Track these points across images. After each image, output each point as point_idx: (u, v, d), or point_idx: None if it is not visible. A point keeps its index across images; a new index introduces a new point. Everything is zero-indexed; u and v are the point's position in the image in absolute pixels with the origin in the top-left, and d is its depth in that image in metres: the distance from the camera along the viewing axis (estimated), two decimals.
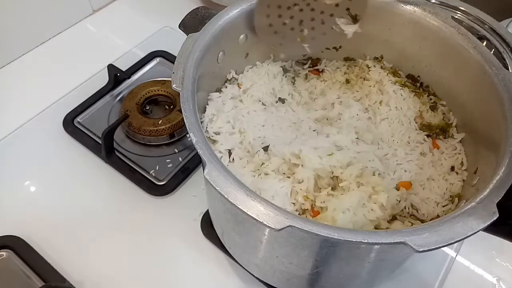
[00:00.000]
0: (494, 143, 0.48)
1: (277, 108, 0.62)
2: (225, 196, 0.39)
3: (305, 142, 0.55)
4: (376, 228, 0.50)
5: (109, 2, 1.05)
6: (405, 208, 0.53)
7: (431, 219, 0.52)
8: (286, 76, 0.66)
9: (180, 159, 0.76)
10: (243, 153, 0.55)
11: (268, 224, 0.38)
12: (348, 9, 0.58)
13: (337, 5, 0.58)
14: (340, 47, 0.67)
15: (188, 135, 0.78)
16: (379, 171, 0.54)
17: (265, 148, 0.55)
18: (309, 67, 0.69)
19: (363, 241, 0.37)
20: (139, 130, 0.77)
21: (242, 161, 0.54)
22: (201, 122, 0.54)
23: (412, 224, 0.52)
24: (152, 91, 0.83)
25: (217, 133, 0.56)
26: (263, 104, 0.61)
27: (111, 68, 0.86)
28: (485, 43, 0.67)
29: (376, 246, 0.43)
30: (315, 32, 0.60)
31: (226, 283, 0.65)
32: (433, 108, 0.61)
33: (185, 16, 0.61)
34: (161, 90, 0.83)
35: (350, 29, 0.59)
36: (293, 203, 0.51)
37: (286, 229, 0.38)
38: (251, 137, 0.56)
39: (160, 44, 0.95)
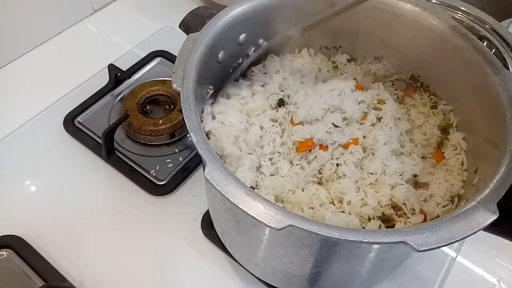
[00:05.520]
0: (494, 143, 0.48)
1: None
2: (226, 195, 0.39)
3: None
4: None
5: (109, 2, 1.05)
6: (405, 207, 0.53)
7: (431, 219, 0.52)
8: None
9: (181, 159, 0.76)
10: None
11: (268, 224, 0.38)
12: None
13: None
14: (340, 46, 0.67)
15: (188, 135, 0.78)
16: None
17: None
18: None
19: (364, 240, 0.37)
20: (139, 130, 0.77)
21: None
22: (201, 122, 0.54)
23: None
24: (152, 91, 0.83)
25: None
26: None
27: (111, 68, 0.86)
28: (485, 43, 0.67)
29: (376, 245, 0.43)
30: None
31: (226, 283, 0.65)
32: (434, 107, 0.62)
33: (186, 16, 0.61)
34: (162, 90, 0.83)
35: None
36: None
37: (286, 229, 0.38)
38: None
39: (161, 44, 0.95)
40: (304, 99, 0.59)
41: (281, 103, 0.60)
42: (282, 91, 0.61)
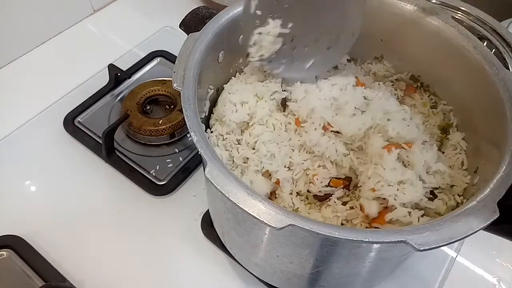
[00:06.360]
0: (495, 143, 0.48)
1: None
2: (226, 195, 0.40)
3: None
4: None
5: (109, 2, 1.05)
6: None
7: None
8: None
9: (181, 159, 0.76)
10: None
11: (269, 223, 0.38)
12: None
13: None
14: None
15: (188, 135, 0.78)
16: None
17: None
18: None
19: (364, 240, 0.37)
20: (139, 130, 0.78)
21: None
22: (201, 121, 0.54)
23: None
24: (152, 91, 0.83)
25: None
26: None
27: (111, 68, 0.86)
28: (485, 43, 0.67)
29: (377, 245, 0.43)
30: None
31: (226, 283, 0.65)
32: (434, 107, 0.62)
33: (186, 16, 0.61)
34: (162, 90, 0.83)
35: None
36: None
37: (286, 228, 0.38)
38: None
39: (161, 44, 0.95)
40: (304, 95, 0.58)
41: (283, 102, 0.60)
42: (284, 90, 0.61)
